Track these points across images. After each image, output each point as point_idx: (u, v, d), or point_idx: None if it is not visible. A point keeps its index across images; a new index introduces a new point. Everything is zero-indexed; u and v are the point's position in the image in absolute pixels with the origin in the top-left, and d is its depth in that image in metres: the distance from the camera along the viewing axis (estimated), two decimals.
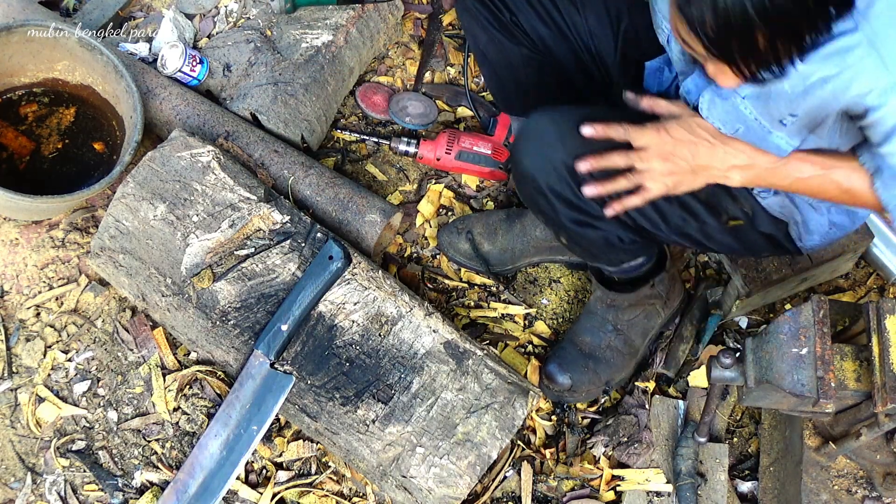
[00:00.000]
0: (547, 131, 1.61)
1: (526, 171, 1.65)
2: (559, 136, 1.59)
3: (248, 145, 2.12)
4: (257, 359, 1.83)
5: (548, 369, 2.02)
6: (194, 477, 1.84)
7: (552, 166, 1.60)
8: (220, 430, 1.85)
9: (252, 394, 1.83)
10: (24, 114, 2.19)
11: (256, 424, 1.83)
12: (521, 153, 1.66)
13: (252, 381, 1.83)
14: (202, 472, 1.84)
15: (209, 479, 1.84)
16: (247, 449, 1.83)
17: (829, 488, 1.78)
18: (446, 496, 1.76)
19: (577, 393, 2.02)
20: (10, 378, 2.00)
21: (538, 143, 1.62)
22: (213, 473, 1.84)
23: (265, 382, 1.83)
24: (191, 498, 1.83)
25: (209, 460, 1.84)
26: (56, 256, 2.13)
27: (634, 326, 2.01)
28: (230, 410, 1.85)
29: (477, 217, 2.21)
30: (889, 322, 1.52)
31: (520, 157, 1.66)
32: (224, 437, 1.85)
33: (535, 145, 1.63)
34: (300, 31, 2.31)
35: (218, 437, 1.85)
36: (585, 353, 2.00)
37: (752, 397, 1.63)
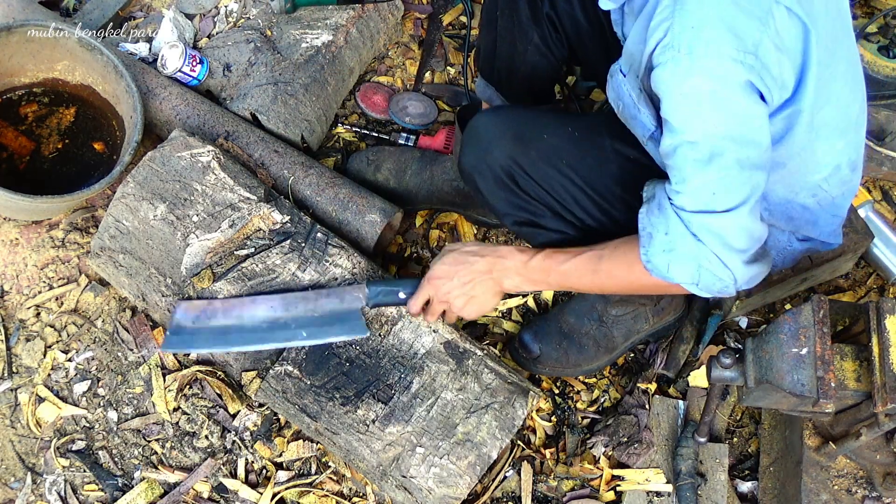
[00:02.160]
0: (486, 133, 1.66)
1: (465, 169, 1.72)
2: (497, 139, 1.64)
3: (248, 145, 2.12)
4: (359, 291, 1.80)
5: (522, 335, 2.03)
6: (227, 317, 1.81)
7: (488, 167, 1.66)
8: (277, 307, 1.80)
9: (328, 310, 1.79)
10: (24, 114, 2.19)
11: (307, 332, 1.79)
12: (462, 153, 1.72)
13: (338, 301, 1.80)
14: (235, 320, 1.80)
15: (234, 330, 1.80)
16: (283, 342, 1.79)
17: (829, 488, 1.78)
18: (446, 496, 1.76)
19: (540, 365, 2.03)
20: (10, 378, 2.00)
21: (478, 145, 1.68)
22: (239, 329, 1.80)
23: (346, 314, 1.79)
24: (205, 327, 1.80)
25: (249, 319, 1.79)
26: (56, 256, 2.13)
27: (619, 324, 2.01)
28: (299, 303, 1.81)
29: (391, 152, 2.24)
30: (889, 322, 1.52)
31: (461, 157, 1.73)
32: (276, 315, 1.80)
33: (474, 146, 1.69)
34: (300, 31, 2.31)
35: (273, 309, 1.80)
36: (564, 331, 2.01)
37: (752, 397, 1.63)
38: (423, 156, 2.22)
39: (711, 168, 1.35)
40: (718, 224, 1.39)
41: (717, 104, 1.31)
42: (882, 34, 2.39)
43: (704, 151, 1.34)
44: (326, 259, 1.90)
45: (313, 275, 1.89)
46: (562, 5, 1.80)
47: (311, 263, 1.90)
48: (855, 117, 1.57)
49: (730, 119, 1.33)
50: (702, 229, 1.40)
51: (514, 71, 1.94)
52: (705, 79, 1.29)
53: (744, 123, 1.34)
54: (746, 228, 1.42)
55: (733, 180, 1.36)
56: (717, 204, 1.38)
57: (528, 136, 1.64)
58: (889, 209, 2.34)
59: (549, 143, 1.63)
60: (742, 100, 1.31)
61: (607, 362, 2.07)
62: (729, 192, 1.37)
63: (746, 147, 1.35)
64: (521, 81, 1.96)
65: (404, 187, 2.20)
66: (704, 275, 1.44)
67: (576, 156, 1.64)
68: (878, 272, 2.23)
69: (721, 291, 1.48)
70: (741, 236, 1.42)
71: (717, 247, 1.41)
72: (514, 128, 1.65)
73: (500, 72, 1.98)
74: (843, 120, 1.53)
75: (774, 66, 1.32)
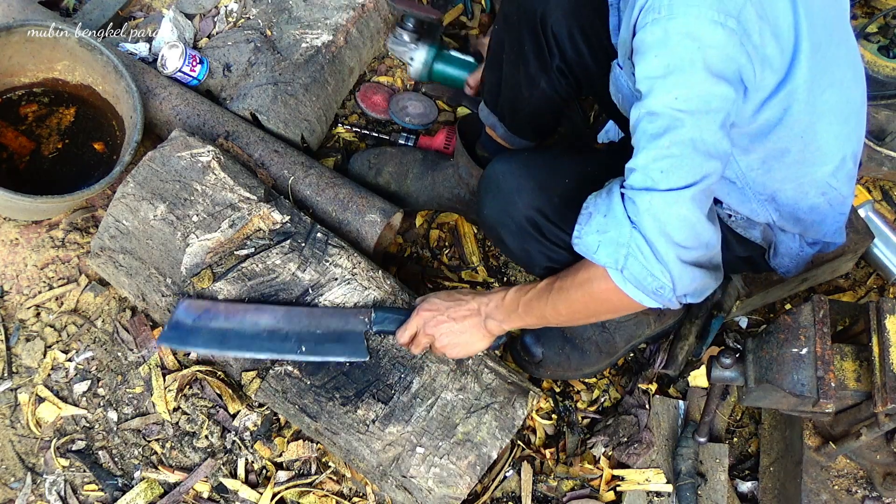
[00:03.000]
0: (507, 185, 1.64)
1: (488, 222, 1.70)
2: (519, 190, 1.62)
3: (248, 145, 2.12)
4: (365, 316, 1.80)
5: (525, 338, 2.03)
6: (228, 321, 1.81)
7: (512, 220, 1.64)
8: (280, 318, 1.81)
9: (331, 329, 1.79)
10: (24, 114, 2.19)
11: (306, 348, 1.79)
12: (482, 203, 1.69)
13: (343, 323, 1.80)
14: (236, 325, 1.80)
15: (233, 334, 1.79)
16: (281, 354, 1.79)
17: (829, 488, 1.78)
18: (446, 496, 1.76)
19: (542, 369, 2.03)
20: (10, 378, 2.00)
21: (499, 197, 1.65)
22: (239, 334, 1.79)
23: (348, 336, 1.79)
24: (205, 327, 1.80)
25: (250, 325, 1.79)
26: (56, 256, 2.13)
27: (621, 329, 2.01)
28: (304, 318, 1.81)
29: (392, 154, 2.23)
30: (889, 322, 1.52)
31: (481, 207, 1.70)
32: (278, 326, 1.80)
33: (496, 199, 1.66)
34: (300, 31, 2.31)
35: (276, 320, 1.81)
36: (566, 335, 2.01)
37: (752, 397, 1.63)
38: (424, 159, 2.22)
39: (664, 140, 1.31)
40: (659, 205, 1.33)
41: (687, 70, 1.28)
42: (882, 34, 2.39)
43: (662, 124, 1.31)
44: (326, 259, 1.90)
45: (313, 275, 1.89)
46: (570, 55, 1.76)
47: (311, 263, 1.90)
48: (857, 105, 1.56)
49: (695, 89, 1.29)
50: (641, 213, 1.35)
51: (517, 110, 1.93)
52: (681, 39, 1.27)
53: (708, 100, 1.30)
54: (688, 219, 1.34)
55: (684, 159, 1.32)
56: (662, 181, 1.32)
57: (550, 184, 1.62)
58: (889, 209, 2.34)
59: (570, 188, 1.61)
60: (713, 75, 1.29)
61: (608, 365, 2.07)
62: (676, 170, 1.32)
63: (704, 128, 1.31)
64: (524, 118, 1.94)
65: (405, 192, 2.20)
66: (633, 263, 1.37)
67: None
68: (878, 272, 2.23)
69: (657, 292, 1.39)
70: (681, 227, 1.35)
71: (653, 233, 1.34)
72: (536, 176, 1.62)
73: (504, 107, 1.96)
74: (847, 105, 1.52)
75: (755, 33, 1.30)
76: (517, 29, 1.78)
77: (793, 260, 1.72)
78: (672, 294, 1.39)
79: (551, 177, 1.64)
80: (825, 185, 1.58)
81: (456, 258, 2.25)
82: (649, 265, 1.36)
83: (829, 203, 1.61)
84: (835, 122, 1.51)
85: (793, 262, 1.73)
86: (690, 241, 1.37)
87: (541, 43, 1.76)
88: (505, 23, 1.82)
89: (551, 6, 1.71)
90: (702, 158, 1.32)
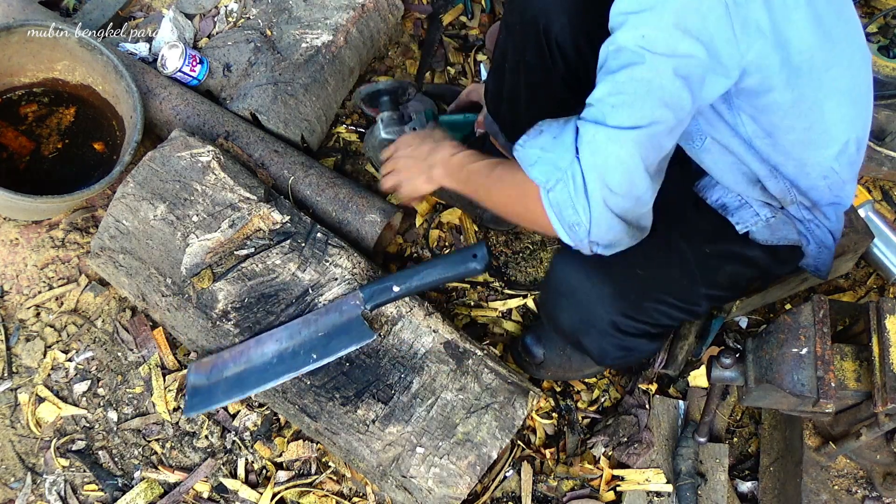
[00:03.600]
0: (584, 293, 1.62)
1: (566, 330, 1.70)
2: (598, 298, 1.60)
3: (248, 145, 2.12)
4: (355, 299, 1.80)
5: (525, 339, 2.03)
6: (237, 364, 1.81)
7: (594, 328, 1.64)
8: (283, 339, 1.81)
9: (332, 326, 1.79)
10: (24, 114, 2.19)
11: (317, 354, 1.78)
12: (556, 309, 1.68)
13: (338, 315, 1.80)
14: (246, 364, 1.81)
15: (247, 374, 1.80)
16: (297, 370, 1.78)
17: (829, 488, 1.78)
18: (446, 496, 1.76)
19: (544, 370, 2.03)
20: (10, 378, 2.00)
21: (578, 308, 1.64)
22: (253, 370, 1.80)
23: (349, 324, 1.79)
24: (221, 379, 1.80)
25: (259, 358, 1.80)
26: (56, 256, 2.13)
27: None
28: (303, 328, 1.81)
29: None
30: (889, 322, 1.52)
31: (556, 313, 1.69)
32: (283, 346, 1.81)
33: (573, 306, 1.65)
34: (300, 31, 2.31)
35: (279, 343, 1.81)
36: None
37: (752, 397, 1.63)
38: None
39: (621, 76, 1.31)
40: (601, 140, 1.33)
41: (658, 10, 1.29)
42: (882, 34, 2.39)
43: (624, 59, 1.31)
44: (326, 259, 1.90)
45: (313, 275, 1.89)
46: (574, 64, 1.73)
47: (311, 263, 1.90)
48: (865, 89, 1.56)
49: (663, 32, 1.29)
50: (584, 145, 1.34)
51: (517, 120, 1.87)
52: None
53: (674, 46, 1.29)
54: (625, 163, 1.33)
55: (636, 98, 1.31)
56: (610, 116, 1.32)
57: (625, 281, 1.61)
58: (889, 209, 2.34)
59: (642, 278, 1.62)
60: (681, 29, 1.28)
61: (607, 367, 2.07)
62: (625, 108, 1.32)
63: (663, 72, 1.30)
64: (524, 128, 1.91)
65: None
66: (560, 189, 1.37)
67: (665, 278, 1.64)
68: (878, 272, 2.23)
69: (572, 227, 1.39)
70: (616, 168, 1.34)
71: (589, 167, 1.34)
72: (611, 277, 1.60)
73: (504, 117, 1.95)
74: (855, 88, 1.52)
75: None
76: (520, 39, 1.76)
77: (822, 252, 1.72)
78: (586, 235, 1.39)
79: (625, 272, 1.61)
80: (828, 169, 1.57)
81: None
82: (575, 198, 1.36)
83: (829, 187, 1.60)
84: (843, 104, 1.50)
85: (828, 254, 1.73)
86: (622, 188, 1.35)
87: (544, 54, 1.73)
88: (507, 32, 1.80)
89: (554, 15, 1.68)
90: (654, 103, 1.31)
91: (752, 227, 1.66)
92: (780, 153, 1.53)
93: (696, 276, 1.65)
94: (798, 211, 1.64)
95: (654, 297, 1.63)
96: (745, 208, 1.66)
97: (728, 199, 1.67)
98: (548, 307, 1.74)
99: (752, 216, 1.66)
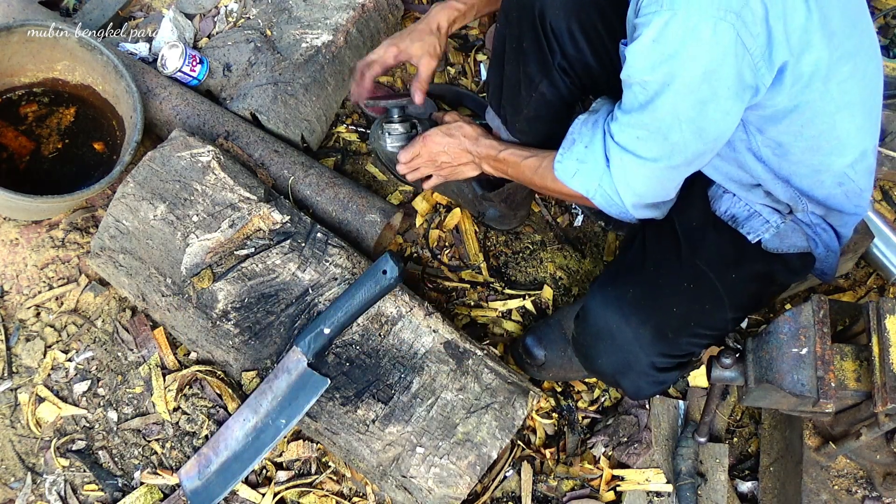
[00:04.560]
0: (623, 335, 1.63)
1: (606, 373, 1.72)
2: (636, 340, 1.62)
3: (248, 145, 2.12)
4: (296, 355, 1.82)
5: (526, 340, 2.03)
6: (218, 455, 1.84)
7: (633, 370, 1.66)
8: (248, 416, 1.84)
9: (286, 388, 1.82)
10: (24, 114, 2.19)
11: (285, 419, 1.81)
12: (594, 353, 1.70)
13: (287, 375, 1.82)
14: (226, 452, 1.84)
15: (231, 461, 1.84)
16: (272, 440, 1.82)
17: (829, 488, 1.78)
18: (446, 496, 1.76)
19: (545, 371, 2.03)
20: (10, 378, 2.00)
21: (618, 351, 1.66)
22: (236, 456, 1.84)
23: (300, 380, 1.81)
24: (211, 474, 1.84)
25: (235, 442, 1.84)
26: (56, 256, 2.13)
27: None
28: (262, 399, 1.84)
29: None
30: (889, 322, 1.52)
31: (593, 357, 1.71)
32: (252, 424, 1.84)
33: (612, 350, 1.66)
34: (300, 30, 2.31)
35: (246, 422, 1.84)
36: (568, 338, 2.00)
37: (752, 397, 1.63)
38: None
39: (647, 113, 1.41)
40: (630, 165, 1.49)
41: (682, 53, 1.33)
42: (882, 34, 2.39)
43: (650, 93, 1.39)
44: (326, 259, 1.90)
45: (313, 275, 1.89)
46: (571, 52, 1.74)
47: (311, 263, 1.90)
48: (878, 100, 1.56)
49: (688, 72, 1.34)
50: (613, 163, 1.50)
51: (518, 113, 1.90)
52: (681, 27, 1.31)
53: (704, 82, 1.35)
54: (652, 179, 1.51)
55: (659, 136, 1.42)
56: (639, 148, 1.46)
57: (663, 322, 1.63)
58: (889, 209, 2.34)
59: (677, 315, 1.64)
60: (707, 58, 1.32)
61: None
62: (651, 143, 1.44)
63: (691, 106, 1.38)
64: (526, 121, 1.91)
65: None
66: (600, 194, 1.56)
67: (699, 312, 1.66)
68: (878, 272, 2.23)
69: (618, 215, 1.58)
70: (646, 185, 1.52)
71: (621, 181, 1.51)
72: (649, 318, 1.62)
73: (506, 110, 1.94)
74: (870, 98, 1.52)
75: (756, 24, 1.31)
76: (517, 25, 1.76)
77: (833, 255, 1.74)
78: (631, 217, 1.59)
79: (661, 310, 1.64)
80: (842, 176, 1.57)
81: (456, 258, 2.25)
82: (615, 198, 1.55)
83: (846, 194, 1.60)
84: (857, 115, 1.50)
85: (834, 258, 1.74)
86: (651, 197, 1.56)
87: (540, 40, 1.74)
88: (505, 19, 1.80)
89: (549, 1, 1.70)
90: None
91: (763, 234, 1.67)
92: (792, 162, 1.54)
93: (724, 303, 1.67)
94: (806, 216, 1.64)
95: (690, 332, 1.66)
96: (754, 217, 1.68)
97: (737, 209, 1.69)
98: (585, 350, 1.74)
99: (763, 224, 1.67)
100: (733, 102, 1.38)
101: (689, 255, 1.66)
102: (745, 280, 1.68)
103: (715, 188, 1.71)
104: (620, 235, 2.30)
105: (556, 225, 2.31)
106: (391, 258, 1.81)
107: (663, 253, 1.70)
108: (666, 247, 1.70)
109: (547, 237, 2.28)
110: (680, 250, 1.68)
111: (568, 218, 2.32)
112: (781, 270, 1.72)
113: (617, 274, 1.73)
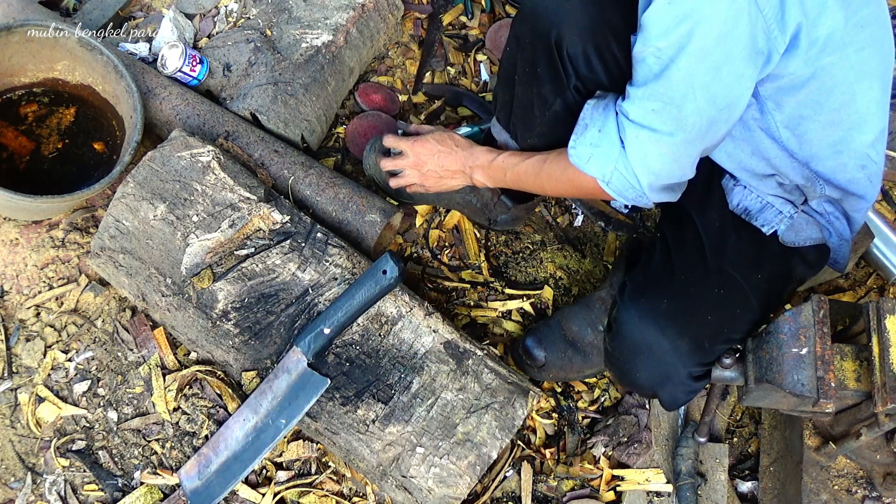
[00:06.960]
0: (660, 347, 1.63)
1: (645, 387, 1.72)
2: (675, 352, 1.62)
3: (248, 145, 2.12)
4: (296, 355, 1.82)
5: (526, 341, 2.03)
6: (218, 455, 1.85)
7: (672, 383, 1.67)
8: (248, 416, 1.85)
9: (286, 388, 1.82)
10: (24, 114, 2.19)
11: (285, 419, 1.81)
12: (632, 367, 1.70)
13: (287, 375, 1.82)
14: (226, 452, 1.84)
15: (231, 461, 1.84)
16: (272, 440, 1.82)
17: (829, 488, 1.78)
18: (446, 496, 1.76)
19: (545, 372, 2.03)
20: (10, 378, 2.00)
21: (655, 362, 1.66)
22: (236, 456, 1.84)
23: (300, 380, 1.81)
24: (211, 474, 1.84)
25: (234, 443, 1.84)
26: (56, 256, 2.13)
27: None
28: (261, 399, 1.84)
29: None
30: (889, 322, 1.52)
31: (632, 371, 1.71)
32: (252, 424, 1.84)
33: (651, 363, 1.66)
34: (300, 30, 2.31)
35: (246, 422, 1.84)
36: (568, 339, 2.00)
37: (752, 397, 1.63)
38: None
39: (661, 80, 1.40)
40: (645, 141, 1.47)
41: (696, 13, 1.33)
42: None
43: (663, 60, 1.39)
44: (326, 259, 1.90)
45: (313, 275, 1.89)
46: (585, 73, 1.71)
47: (311, 263, 1.90)
48: (891, 75, 1.55)
49: (703, 35, 1.34)
50: (629, 142, 1.49)
51: (531, 130, 1.88)
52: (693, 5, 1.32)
53: (718, 45, 1.34)
54: (669, 156, 1.48)
55: (674, 106, 1.41)
56: (654, 122, 1.44)
57: (699, 332, 1.63)
58: (889, 209, 2.34)
59: (712, 322, 1.64)
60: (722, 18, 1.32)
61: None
62: (667, 115, 1.43)
63: (706, 71, 1.38)
64: (537, 137, 1.89)
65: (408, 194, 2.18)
66: (617, 177, 1.54)
67: (731, 318, 1.66)
68: (878, 272, 2.23)
69: (635, 199, 1.56)
70: (662, 162, 1.49)
71: (637, 163, 1.50)
72: (685, 329, 1.62)
73: (517, 126, 1.92)
74: (887, 73, 1.51)
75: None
76: (530, 51, 1.74)
77: (846, 244, 1.74)
78: (648, 201, 1.57)
79: (696, 320, 1.64)
80: (865, 157, 1.56)
81: (456, 258, 2.25)
82: (631, 181, 1.53)
83: (869, 178, 1.60)
84: (876, 87, 1.49)
85: (846, 247, 1.74)
86: (667, 177, 1.53)
87: (556, 66, 1.72)
88: (517, 44, 1.78)
89: (566, 27, 1.67)
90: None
91: (777, 225, 1.67)
92: (812, 143, 1.53)
93: (753, 305, 1.67)
94: (819, 204, 1.64)
95: (724, 338, 1.66)
96: (767, 209, 1.67)
97: (749, 201, 1.68)
98: (621, 366, 1.73)
99: (776, 215, 1.67)
100: (746, 66, 1.38)
101: (715, 260, 1.65)
102: (771, 280, 1.68)
103: (727, 180, 1.70)
104: (621, 236, 2.30)
105: (556, 225, 2.31)
106: (391, 258, 1.81)
107: (690, 260, 1.69)
108: (691, 253, 1.69)
109: (547, 237, 2.28)
110: (706, 256, 1.67)
111: (568, 218, 2.32)
112: (799, 265, 1.72)
113: (647, 285, 1.70)
